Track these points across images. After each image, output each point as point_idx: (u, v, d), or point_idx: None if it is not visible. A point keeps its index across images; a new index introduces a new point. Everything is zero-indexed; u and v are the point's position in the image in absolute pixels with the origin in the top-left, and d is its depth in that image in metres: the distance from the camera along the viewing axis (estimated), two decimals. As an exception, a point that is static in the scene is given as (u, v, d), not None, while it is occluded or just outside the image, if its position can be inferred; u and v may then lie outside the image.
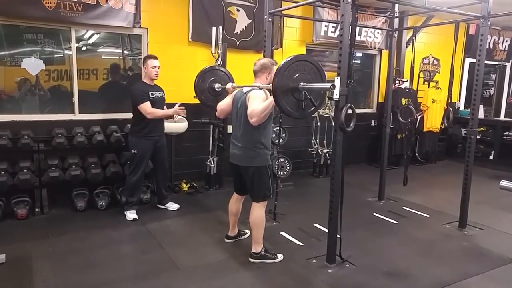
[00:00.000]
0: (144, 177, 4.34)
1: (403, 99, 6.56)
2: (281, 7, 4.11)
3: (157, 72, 4.08)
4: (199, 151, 5.37)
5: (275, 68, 3.14)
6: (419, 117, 6.89)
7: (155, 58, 4.10)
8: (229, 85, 3.47)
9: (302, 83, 2.77)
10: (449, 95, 4.33)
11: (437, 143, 7.40)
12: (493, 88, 8.85)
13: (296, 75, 2.76)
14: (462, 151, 6.89)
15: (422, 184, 5.80)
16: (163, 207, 4.45)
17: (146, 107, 3.97)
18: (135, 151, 4.07)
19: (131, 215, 4.07)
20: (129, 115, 4.69)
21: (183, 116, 4.30)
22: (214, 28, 4.99)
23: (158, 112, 4.06)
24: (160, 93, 4.19)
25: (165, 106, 4.30)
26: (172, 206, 4.45)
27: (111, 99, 5.11)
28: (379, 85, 7.18)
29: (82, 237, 3.63)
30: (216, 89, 4.11)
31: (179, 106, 4.16)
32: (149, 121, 4.05)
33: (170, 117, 4.27)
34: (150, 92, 4.04)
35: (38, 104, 4.69)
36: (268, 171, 3.12)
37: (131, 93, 4.09)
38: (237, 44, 5.53)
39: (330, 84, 2.77)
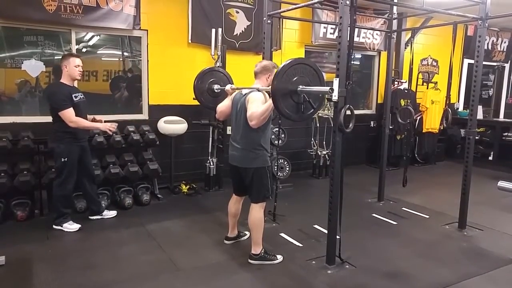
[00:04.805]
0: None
1: (402, 100, 6.57)
2: (280, 9, 4.12)
3: (80, 71, 3.74)
4: (199, 152, 5.38)
5: (275, 71, 3.16)
6: (418, 118, 6.91)
7: (78, 56, 3.78)
8: (228, 87, 3.46)
9: (301, 86, 2.78)
10: (448, 96, 4.34)
11: (436, 144, 7.41)
12: (492, 89, 8.88)
13: (295, 78, 2.77)
14: (461, 152, 6.87)
15: (422, 185, 5.80)
16: (99, 217, 4.09)
17: (69, 114, 3.58)
18: (65, 159, 3.70)
19: (71, 226, 3.79)
20: (130, 117, 4.73)
21: (113, 132, 3.93)
22: (213, 30, 5.00)
23: (84, 122, 3.71)
24: (82, 95, 3.83)
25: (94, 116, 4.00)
26: (110, 213, 4.15)
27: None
28: (378, 86, 7.19)
29: (82, 238, 3.64)
30: (215, 90, 4.10)
31: (109, 122, 3.88)
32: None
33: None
34: (73, 95, 3.68)
35: (38, 105, 4.70)
36: (267, 172, 3.13)
37: (52, 97, 3.65)
38: (237, 45, 5.55)
39: (328, 88, 2.78)
